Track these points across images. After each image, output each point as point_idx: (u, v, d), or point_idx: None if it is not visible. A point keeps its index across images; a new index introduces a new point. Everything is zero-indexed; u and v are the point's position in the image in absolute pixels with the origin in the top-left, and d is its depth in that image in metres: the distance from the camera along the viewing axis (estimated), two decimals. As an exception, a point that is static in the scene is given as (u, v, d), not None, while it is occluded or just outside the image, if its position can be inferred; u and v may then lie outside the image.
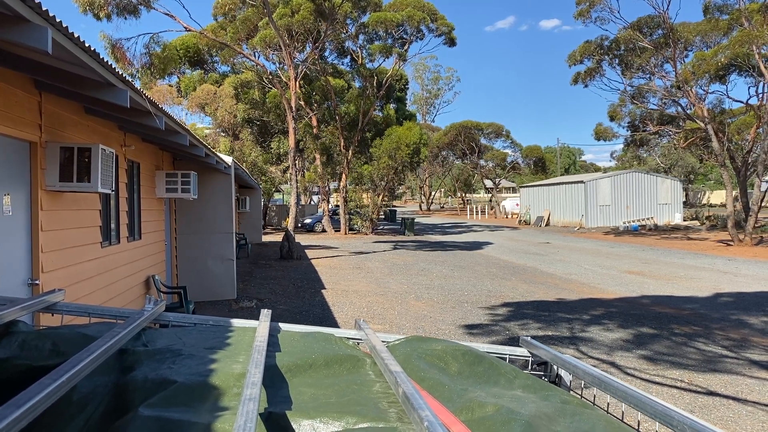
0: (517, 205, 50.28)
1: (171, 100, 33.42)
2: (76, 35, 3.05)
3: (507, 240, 29.49)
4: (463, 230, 38.42)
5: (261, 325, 1.74)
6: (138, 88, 4.45)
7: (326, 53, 32.65)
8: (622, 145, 42.16)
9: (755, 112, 25.59)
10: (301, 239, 29.54)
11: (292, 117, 21.69)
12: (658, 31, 26.09)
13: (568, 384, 1.79)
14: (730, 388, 6.58)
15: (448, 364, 1.61)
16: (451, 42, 30.88)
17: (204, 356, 1.50)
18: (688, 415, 1.21)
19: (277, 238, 28.16)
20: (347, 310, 11.07)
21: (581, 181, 38.25)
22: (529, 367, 1.90)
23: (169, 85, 34.72)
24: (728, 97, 30.30)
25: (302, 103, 31.07)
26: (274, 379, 1.41)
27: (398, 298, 12.49)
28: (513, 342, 8.58)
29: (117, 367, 1.48)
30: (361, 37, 31.74)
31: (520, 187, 50.09)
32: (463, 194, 75.00)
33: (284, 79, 26.64)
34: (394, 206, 59.65)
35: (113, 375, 1.43)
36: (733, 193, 25.90)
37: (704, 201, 61.69)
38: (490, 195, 63.41)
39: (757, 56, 22.41)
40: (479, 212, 58.80)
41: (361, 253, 22.70)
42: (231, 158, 11.76)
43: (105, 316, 1.92)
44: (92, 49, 3.32)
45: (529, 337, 1.98)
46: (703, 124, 25.25)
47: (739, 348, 8.26)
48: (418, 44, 31.30)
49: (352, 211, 35.02)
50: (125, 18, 18.31)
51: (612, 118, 33.90)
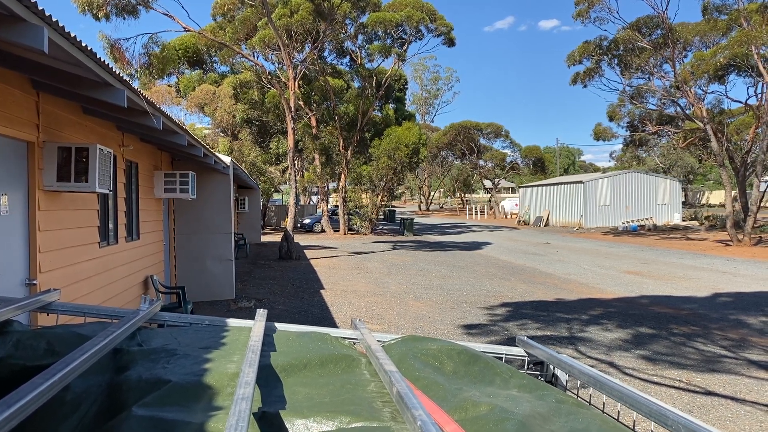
0: (517, 205, 50.28)
1: (170, 100, 33.39)
2: (73, 35, 3.04)
3: (506, 240, 29.49)
4: (462, 230, 38.42)
5: (256, 325, 1.74)
6: (135, 88, 4.45)
7: (325, 53, 32.65)
8: (621, 146, 42.17)
9: (754, 113, 25.59)
10: (300, 239, 29.53)
11: (291, 117, 21.68)
12: (656, 32, 26.09)
13: (565, 384, 1.79)
14: (729, 388, 6.58)
15: (444, 364, 1.60)
16: (450, 42, 30.86)
17: (199, 356, 1.49)
18: (684, 415, 1.20)
19: (276, 238, 28.15)
20: (346, 311, 11.06)
21: (580, 182, 38.25)
22: (526, 367, 1.90)
23: (168, 85, 34.69)
24: (727, 97, 30.39)
25: (301, 103, 31.06)
26: (268, 379, 1.40)
27: (397, 298, 12.49)
28: (511, 342, 8.58)
29: (111, 367, 1.47)
30: (360, 37, 31.74)
31: (520, 188, 50.10)
32: (463, 194, 75.00)
33: (283, 80, 26.62)
34: (394, 206, 59.63)
35: (107, 374, 1.43)
36: (732, 193, 25.90)
37: (703, 201, 61.69)
38: (490, 195, 63.42)
39: (756, 56, 22.41)
40: (478, 212, 58.79)
41: (360, 253, 22.70)
42: (229, 158, 11.75)
43: (100, 316, 1.92)
44: (89, 49, 3.31)
45: (526, 337, 1.98)
46: (702, 125, 25.26)
47: (737, 348, 8.26)
48: (417, 44, 31.37)
49: (351, 212, 35.00)
50: (124, 18, 18.31)
51: (611, 119, 33.93)
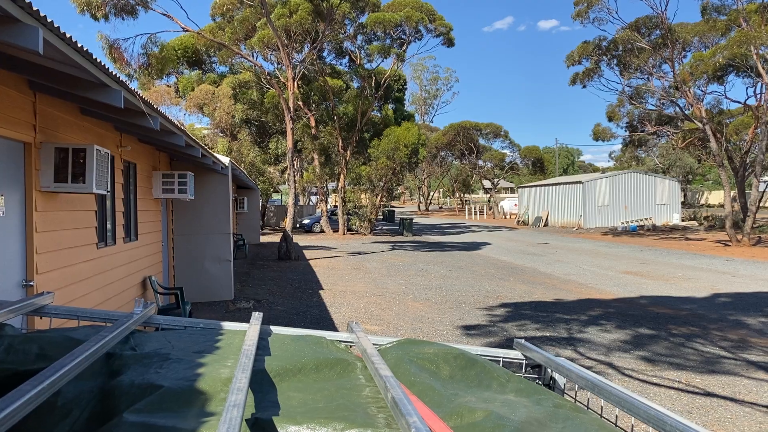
0: (516, 205, 50.28)
1: (169, 100, 33.35)
2: (68, 35, 3.02)
3: (505, 240, 29.48)
4: (462, 231, 38.40)
5: (251, 329, 1.72)
6: (132, 89, 4.43)
7: (324, 54, 32.61)
8: (620, 146, 42.16)
9: (753, 113, 25.60)
10: (300, 240, 29.51)
11: (290, 117, 21.66)
12: (656, 32, 26.08)
13: (563, 387, 1.77)
14: (728, 389, 6.57)
15: (440, 368, 1.59)
16: (450, 42, 30.85)
17: (192, 360, 1.47)
18: (682, 420, 1.19)
19: (276, 238, 28.12)
20: (345, 311, 11.04)
21: (579, 182, 38.25)
22: (523, 370, 1.88)
23: (167, 86, 34.65)
24: (726, 97, 30.42)
25: (300, 103, 31.03)
26: (262, 384, 1.39)
27: (396, 298, 12.47)
28: (510, 343, 8.57)
29: (104, 372, 1.45)
30: (360, 37, 31.71)
31: (519, 188, 50.09)
32: (462, 195, 75.01)
33: (282, 80, 26.60)
34: (393, 207, 59.63)
35: (100, 379, 1.41)
36: (731, 193, 25.91)
37: (702, 201, 61.68)
38: (489, 195, 63.40)
39: (755, 57, 22.41)
40: (478, 213, 58.78)
41: (359, 253, 22.68)
42: (228, 159, 11.73)
43: (94, 319, 1.90)
44: (85, 49, 3.29)
45: (523, 340, 1.96)
46: (701, 125, 25.25)
47: (736, 349, 8.25)
48: (416, 44, 31.31)
49: (351, 212, 34.97)
50: (123, 18, 18.28)
51: (610, 119, 33.93)
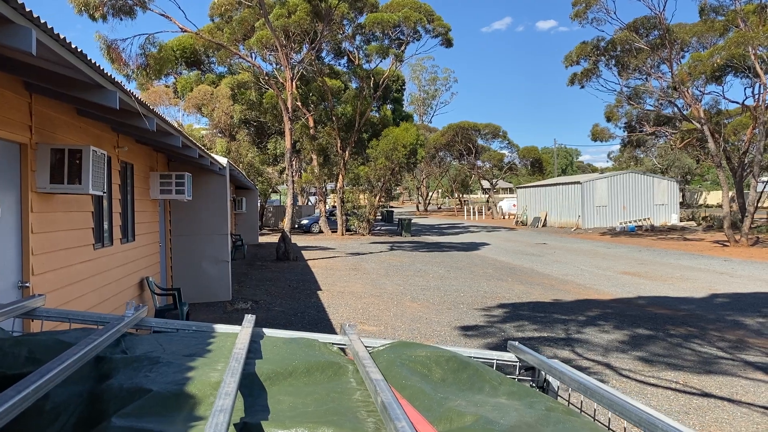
0: (514, 205, 50.27)
1: (168, 100, 33.36)
2: (62, 36, 3.01)
3: (504, 241, 29.48)
4: (460, 231, 38.40)
5: (242, 332, 1.71)
6: (128, 90, 4.42)
7: (323, 54, 32.60)
8: (618, 146, 42.18)
9: (751, 113, 25.60)
10: (298, 240, 29.48)
11: (289, 118, 21.64)
12: (654, 32, 26.09)
13: (556, 389, 1.76)
14: (725, 390, 6.57)
15: (432, 371, 1.58)
16: (448, 43, 30.84)
17: (182, 364, 1.46)
18: (673, 424, 1.18)
19: (274, 239, 28.10)
20: (342, 312, 11.03)
21: (578, 182, 38.26)
22: (517, 373, 1.87)
23: (166, 86, 34.65)
24: (724, 98, 30.40)
25: (299, 104, 31.00)
26: (252, 388, 1.37)
27: (394, 299, 12.46)
28: (507, 345, 8.57)
29: (93, 375, 1.44)
30: (358, 37, 31.69)
31: (517, 188, 50.10)
32: (461, 195, 75.01)
33: (281, 80, 26.58)
34: (392, 207, 59.60)
35: (89, 383, 1.40)
36: (730, 193, 25.91)
37: (701, 201, 61.72)
38: (488, 196, 63.41)
39: (753, 57, 22.43)
40: (476, 213, 58.78)
41: (358, 254, 22.67)
42: (226, 159, 11.72)
43: (86, 322, 1.89)
44: (79, 50, 3.28)
45: (517, 342, 1.95)
46: (699, 125, 25.27)
47: (734, 349, 8.25)
48: (414, 45, 31.34)
49: (349, 212, 34.94)
50: (121, 19, 18.25)
51: (608, 119, 33.94)
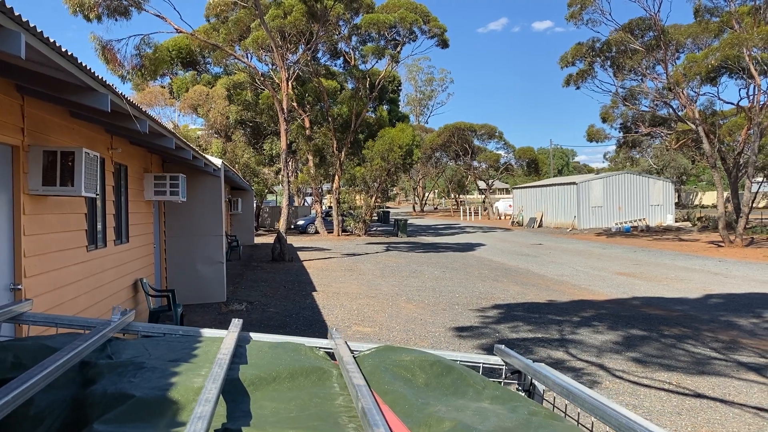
0: (510, 206, 50.33)
1: (163, 101, 33.32)
2: (52, 40, 3.01)
3: (499, 241, 29.52)
4: (456, 232, 38.43)
5: (228, 337, 1.71)
6: (119, 92, 4.41)
7: (319, 55, 32.61)
8: (614, 147, 42.29)
9: (746, 114, 25.70)
10: (294, 241, 29.46)
11: (284, 119, 21.63)
12: (649, 33, 26.17)
13: (542, 393, 1.77)
14: (718, 390, 6.59)
15: (416, 376, 1.58)
16: (444, 44, 30.86)
17: (166, 369, 1.47)
18: (652, 428, 1.19)
19: (270, 239, 28.06)
20: (337, 313, 11.03)
21: (573, 183, 38.34)
22: (503, 376, 1.87)
23: (162, 87, 34.61)
24: (719, 98, 30.35)
25: (295, 104, 31.01)
26: (236, 393, 1.38)
27: (389, 300, 12.47)
28: (503, 344, 8.58)
29: (78, 381, 1.44)
30: (354, 38, 31.71)
31: (513, 189, 50.16)
32: (457, 195, 75.08)
33: (277, 81, 26.58)
34: (388, 207, 59.59)
35: (73, 388, 1.40)
36: (725, 194, 25.99)
37: (696, 202, 61.94)
38: (484, 196, 63.48)
39: (748, 58, 22.52)
40: (472, 213, 58.83)
41: (354, 254, 22.67)
42: (220, 160, 11.72)
43: (73, 326, 1.89)
44: (69, 54, 3.28)
45: (503, 345, 1.96)
46: (694, 126, 25.36)
47: (727, 350, 8.28)
48: (410, 46, 31.26)
49: (345, 213, 34.94)
50: (116, 20, 18.18)
51: (604, 120, 34.04)
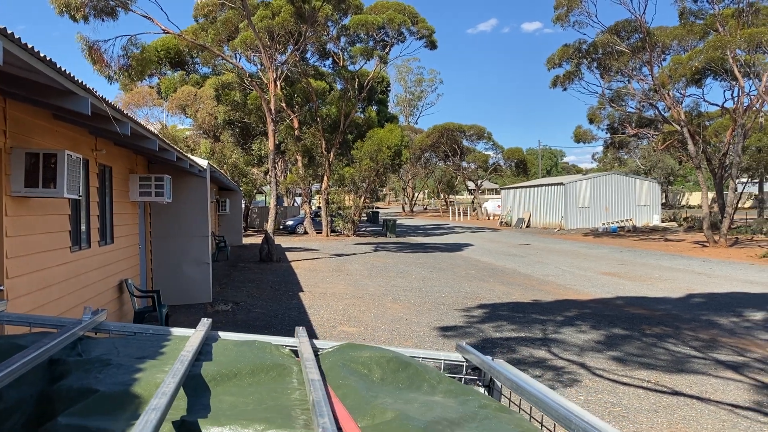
0: (499, 206, 50.57)
1: (151, 101, 33.19)
2: (30, 45, 3.06)
3: (487, 242, 29.67)
4: (445, 232, 38.56)
5: (194, 335, 1.78)
6: (100, 96, 4.45)
7: (308, 55, 32.63)
8: (602, 147, 42.58)
9: (731, 116, 26.01)
10: (282, 241, 29.46)
11: (272, 119, 21.64)
12: (635, 35, 26.39)
13: (500, 388, 1.84)
14: (695, 388, 6.71)
15: (372, 371, 1.65)
16: (432, 45, 30.98)
17: (132, 366, 1.53)
18: (587, 418, 1.26)
19: (258, 240, 28.01)
20: (323, 313, 11.09)
21: (561, 183, 38.60)
22: (464, 372, 1.94)
23: (150, 87, 34.46)
24: (704, 100, 30.92)
25: (283, 105, 31.00)
26: (197, 388, 1.44)
27: (376, 300, 12.54)
28: (486, 343, 8.68)
29: (47, 377, 1.50)
30: (343, 39, 31.76)
31: (502, 189, 50.40)
32: (446, 196, 75.29)
33: (265, 81, 26.57)
34: (377, 208, 59.69)
35: (41, 385, 1.46)
36: (710, 195, 26.29)
37: (683, 202, 62.50)
38: (473, 197, 63.71)
39: (732, 60, 22.81)
40: (461, 214, 59.05)
41: (342, 255, 22.72)
42: (206, 161, 11.74)
43: (45, 326, 1.94)
44: (48, 59, 3.33)
45: (464, 343, 2.03)
46: (679, 127, 25.62)
47: (706, 348, 8.42)
48: (399, 47, 31.31)
49: (334, 213, 34.98)
50: (102, 20, 18.11)
51: (591, 121, 34.30)
